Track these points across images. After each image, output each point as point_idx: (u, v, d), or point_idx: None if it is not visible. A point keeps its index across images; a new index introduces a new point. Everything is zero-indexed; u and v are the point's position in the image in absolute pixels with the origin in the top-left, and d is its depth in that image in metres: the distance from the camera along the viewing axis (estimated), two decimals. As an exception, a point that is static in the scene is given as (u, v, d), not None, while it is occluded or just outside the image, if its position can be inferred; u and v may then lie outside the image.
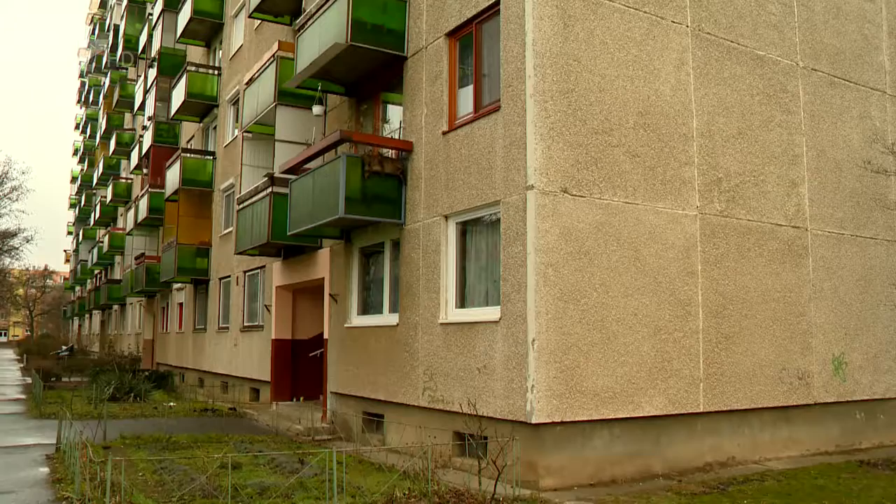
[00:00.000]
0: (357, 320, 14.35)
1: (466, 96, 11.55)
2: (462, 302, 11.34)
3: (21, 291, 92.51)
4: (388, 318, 13.18)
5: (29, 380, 28.28)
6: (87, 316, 65.06)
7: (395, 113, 13.83)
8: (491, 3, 10.83)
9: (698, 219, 11.22)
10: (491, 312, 10.35)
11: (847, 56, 13.89)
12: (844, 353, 13.03)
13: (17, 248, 54.69)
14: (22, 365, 41.53)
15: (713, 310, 11.24)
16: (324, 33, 13.43)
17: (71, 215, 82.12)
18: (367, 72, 13.88)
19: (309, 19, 14.19)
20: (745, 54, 12.25)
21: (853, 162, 13.63)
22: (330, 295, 14.99)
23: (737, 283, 11.60)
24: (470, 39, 11.50)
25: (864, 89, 14.06)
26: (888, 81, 14.51)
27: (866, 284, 13.58)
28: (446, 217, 11.51)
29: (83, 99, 69.09)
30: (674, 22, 11.37)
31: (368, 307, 14.32)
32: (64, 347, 47.94)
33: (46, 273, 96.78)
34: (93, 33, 62.53)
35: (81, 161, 68.29)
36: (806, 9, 13.26)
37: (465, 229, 11.44)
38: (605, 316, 10.05)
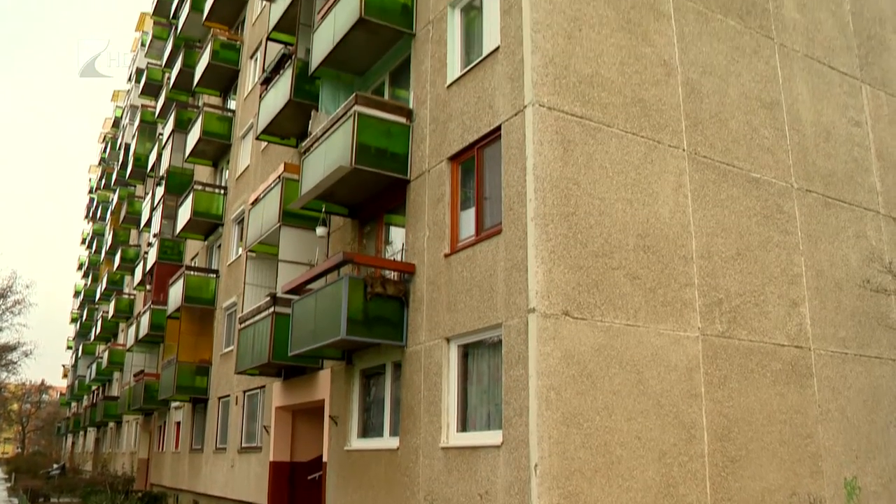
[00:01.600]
0: (357, 443, 14.10)
1: (468, 219, 11.73)
2: (464, 425, 11.18)
3: (15, 406, 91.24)
4: (388, 441, 12.96)
5: (16, 501, 27.53)
6: (81, 433, 63.91)
7: (397, 235, 14.02)
8: (492, 128, 11.15)
9: (700, 340, 11.19)
10: (493, 436, 10.19)
11: (840, 177, 14.18)
12: (857, 476, 12.73)
13: (15, 363, 54.31)
14: (9, 484, 40.50)
15: (718, 433, 11.05)
16: (329, 156, 13.78)
17: (72, 330, 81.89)
18: (371, 194, 14.16)
19: (314, 142, 14.58)
20: (740, 177, 12.51)
21: (852, 281, 13.69)
22: (330, 417, 14.79)
23: (741, 405, 11.46)
24: (472, 163, 11.78)
25: (858, 209, 14.28)
26: (881, 202, 14.76)
27: (874, 405, 13.40)
28: (448, 339, 11.49)
29: (91, 214, 70.13)
30: (670, 146, 11.67)
31: (369, 429, 14.10)
32: (55, 466, 46.92)
33: (43, 388, 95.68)
34: (104, 151, 64.04)
35: (85, 276, 68.70)
36: (797, 133, 13.63)
37: (466, 352, 11.40)
38: (608, 440, 9.88)
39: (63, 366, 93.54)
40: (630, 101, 11.39)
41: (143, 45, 47.76)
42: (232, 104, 27.46)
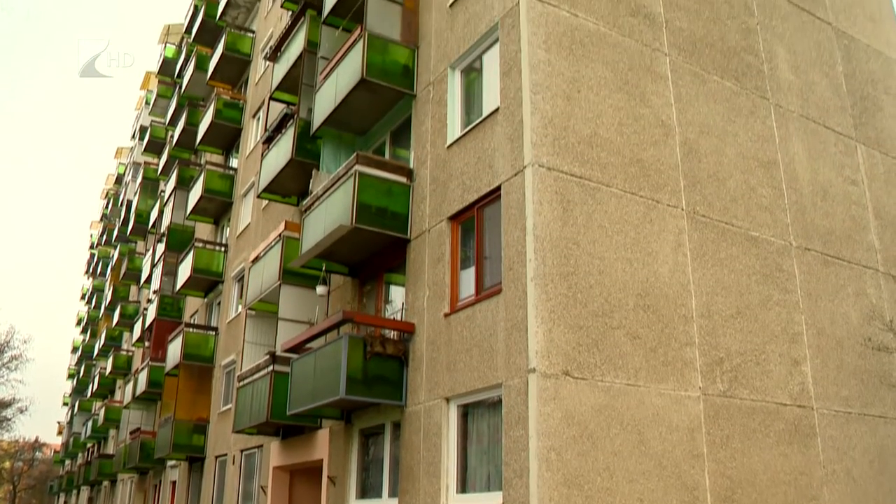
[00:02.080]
0: (356, 504, 13.90)
1: (468, 278, 11.75)
2: (463, 486, 11.03)
3: (7, 465, 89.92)
4: (387, 502, 12.77)
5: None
6: (74, 492, 62.91)
7: (397, 294, 14.03)
8: (492, 188, 11.24)
9: (702, 400, 11.11)
10: (493, 498, 10.04)
11: (838, 235, 14.24)
12: (863, 539, 12.52)
13: (10, 419, 53.75)
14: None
15: (721, 495, 10.90)
16: (329, 215, 13.86)
17: (68, 386, 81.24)
18: (371, 253, 14.20)
19: (315, 201, 14.67)
20: (739, 235, 12.57)
21: (854, 339, 13.65)
22: (328, 477, 14.59)
23: (744, 466, 11.32)
24: (472, 223, 11.84)
25: (857, 267, 14.31)
26: (880, 259, 14.79)
27: (881, 465, 13.24)
28: (447, 399, 11.41)
29: (91, 270, 70.15)
30: (669, 205, 11.75)
31: (367, 490, 13.90)
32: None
33: (37, 445, 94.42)
34: (106, 207, 64.39)
35: (84, 331, 68.42)
36: (795, 192, 13.74)
37: (466, 412, 11.31)
38: (609, 502, 9.74)
39: (58, 422, 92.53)
40: (629, 161, 11.51)
41: (147, 103, 48.41)
42: (234, 162, 27.73)
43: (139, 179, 43.20)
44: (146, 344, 32.84)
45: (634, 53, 12.34)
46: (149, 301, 34.79)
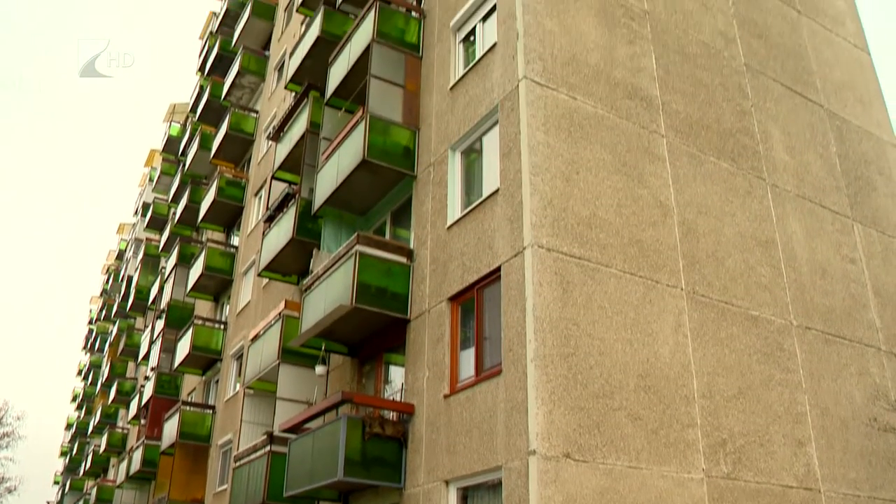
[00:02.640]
0: (353, 591, 13.51)
1: (468, 359, 11.70)
2: (464, 573, 10.76)
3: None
4: (386, 589, 12.44)
5: None
6: (66, 575, 61.24)
7: (397, 374, 13.94)
8: (492, 269, 11.28)
9: (705, 482, 10.92)
10: (495, 587, 9.79)
11: (838, 314, 14.22)
12: None
13: (-1, 499, 52.58)
14: None
15: (730, 583, 10.62)
16: (330, 294, 13.87)
17: (60, 464, 79.85)
18: (371, 333, 14.17)
19: (316, 280, 14.71)
20: (739, 315, 12.56)
21: (859, 420, 13.49)
22: (325, 562, 14.23)
23: (752, 553, 11.06)
24: (472, 304, 11.85)
25: (859, 346, 14.25)
26: (881, 338, 14.74)
27: (889, 551, 12.94)
28: (447, 482, 11.22)
29: (89, 346, 69.76)
30: (669, 285, 11.78)
31: (366, 576, 13.54)
32: None
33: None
34: (107, 283, 64.44)
35: (79, 408, 67.62)
36: (793, 271, 13.79)
37: (466, 495, 11.11)
38: (616, 592, 9.49)
39: (48, 502, 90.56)
40: (628, 242, 11.59)
41: (150, 180, 49.00)
42: (235, 240, 27.88)
43: (140, 255, 43.36)
44: (142, 422, 32.45)
45: (632, 135, 12.57)
46: (146, 378, 34.53)
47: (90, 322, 75.16)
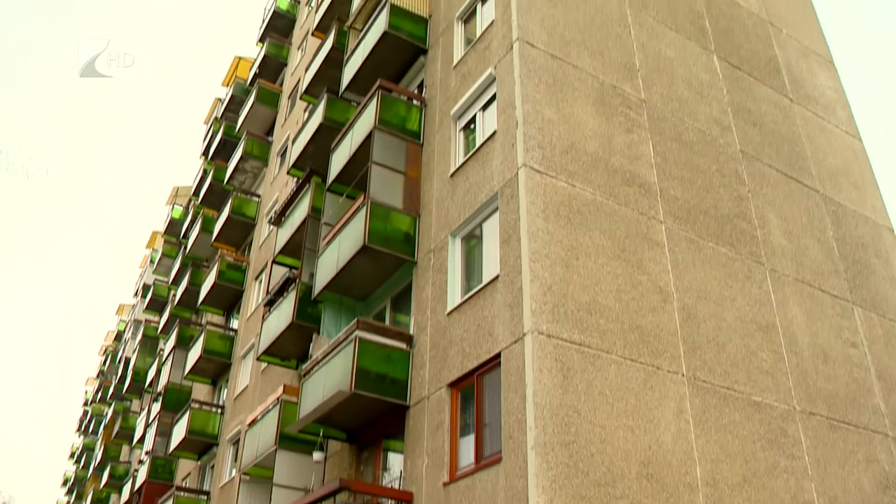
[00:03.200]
0: None
1: (468, 446, 11.54)
2: None
3: None
4: None
5: None
6: None
7: (395, 461, 13.73)
8: (492, 355, 11.24)
9: (714, 576, 10.64)
10: None
11: (842, 399, 14.09)
12: None
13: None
14: None
15: None
16: (329, 380, 13.77)
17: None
18: (370, 419, 14.02)
19: (315, 366, 14.62)
20: (742, 400, 12.45)
21: (868, 509, 13.22)
22: None
23: None
24: (472, 390, 11.76)
25: (865, 432, 14.06)
26: (888, 424, 14.57)
27: None
28: (448, 575, 10.94)
29: (83, 428, 68.83)
30: (670, 371, 11.71)
31: None
32: None
33: None
34: (104, 364, 63.99)
35: (70, 492, 66.30)
36: (795, 355, 13.72)
37: (467, 589, 10.81)
38: None
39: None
40: (628, 328, 11.58)
41: (152, 261, 49.20)
42: (234, 323, 27.83)
43: (139, 337, 43.20)
44: (135, 508, 31.76)
45: (631, 221, 12.69)
46: (140, 462, 33.94)
47: (85, 403, 74.31)
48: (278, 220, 20.26)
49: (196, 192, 36.83)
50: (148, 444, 31.15)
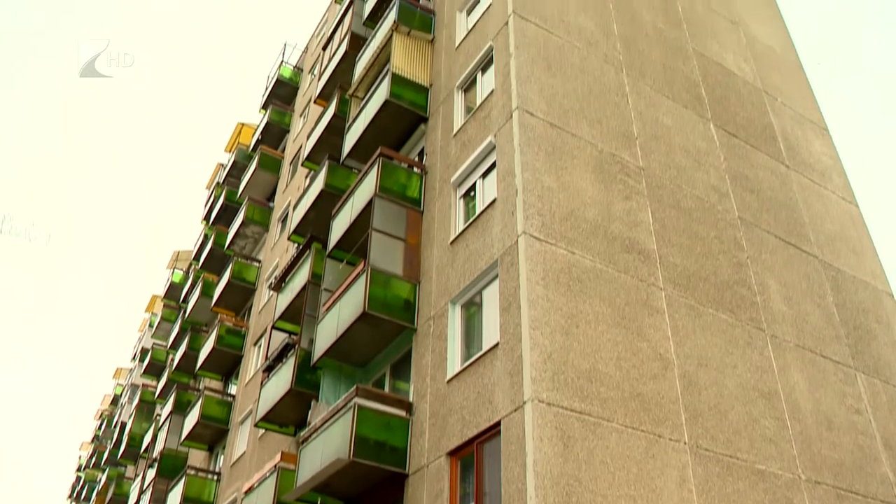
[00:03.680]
0: None
1: (468, 517, 11.36)
2: None
3: None
4: None
5: None
6: None
7: (395, 531, 13.49)
8: (492, 424, 11.13)
9: None
10: None
11: (848, 468, 13.89)
12: None
13: None
14: None
15: None
16: (327, 447, 13.61)
17: None
18: (368, 487, 13.79)
19: (313, 433, 14.46)
20: (745, 469, 12.28)
21: (877, 582, 12.93)
22: None
23: None
24: (471, 458, 11.61)
25: (874, 502, 13.83)
26: None
27: None
28: None
29: (75, 494, 67.65)
30: (671, 440, 11.58)
31: None
32: None
33: None
34: (99, 429, 63.23)
35: (62, 563, 64.79)
36: (798, 422, 13.58)
37: None
38: None
39: None
40: (629, 396, 11.49)
41: (150, 325, 49.02)
42: (233, 389, 27.61)
43: (136, 401, 42.81)
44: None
45: (631, 288, 12.71)
46: (135, 531, 33.28)
47: (78, 469, 73.18)
48: (278, 285, 20.29)
49: (197, 257, 36.93)
50: (142, 512, 30.60)
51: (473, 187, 14.49)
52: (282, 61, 34.72)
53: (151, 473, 30.86)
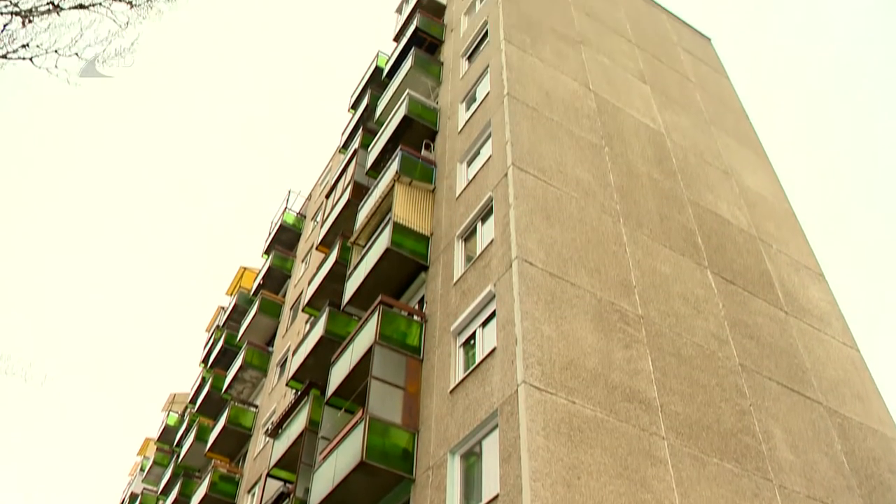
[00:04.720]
0: None
1: None
2: None
3: None
4: None
5: None
6: None
7: None
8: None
9: None
10: None
11: None
12: None
13: None
14: None
15: None
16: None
17: None
18: None
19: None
20: None
21: None
22: None
23: None
24: None
25: None
26: None
27: None
28: None
29: None
30: None
31: None
32: None
33: None
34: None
35: None
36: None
37: None
38: None
39: None
40: (635, 553, 11.08)
41: (142, 469, 47.71)
42: (225, 539, 26.60)
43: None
44: None
45: (632, 438, 12.50)
46: None
47: None
48: (275, 431, 19.96)
49: (193, 400, 36.47)
50: None
51: (473, 336, 14.51)
52: (285, 207, 35.56)
53: None
